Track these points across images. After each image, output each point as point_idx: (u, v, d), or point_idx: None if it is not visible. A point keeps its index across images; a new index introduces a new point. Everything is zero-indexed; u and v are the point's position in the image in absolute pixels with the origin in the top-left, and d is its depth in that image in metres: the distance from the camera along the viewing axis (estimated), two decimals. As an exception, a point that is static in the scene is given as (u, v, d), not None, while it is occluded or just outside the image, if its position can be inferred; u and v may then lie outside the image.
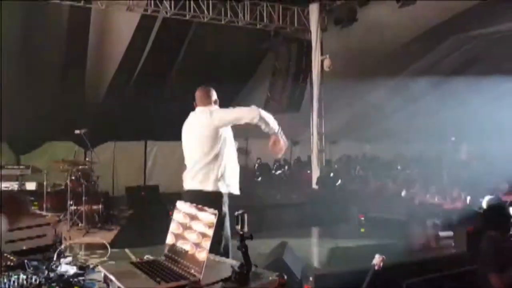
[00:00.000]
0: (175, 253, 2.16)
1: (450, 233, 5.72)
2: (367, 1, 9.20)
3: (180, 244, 2.16)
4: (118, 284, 1.82)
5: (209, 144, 3.36)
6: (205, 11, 9.16)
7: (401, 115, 15.10)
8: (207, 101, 3.51)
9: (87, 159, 8.33)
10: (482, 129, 15.01)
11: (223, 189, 3.38)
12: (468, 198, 7.08)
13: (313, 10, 10.19)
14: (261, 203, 9.56)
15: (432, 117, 15.91)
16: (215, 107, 3.51)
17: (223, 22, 9.46)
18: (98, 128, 8.85)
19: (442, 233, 5.97)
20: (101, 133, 9.75)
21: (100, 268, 2.07)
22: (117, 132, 10.59)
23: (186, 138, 3.57)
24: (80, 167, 7.74)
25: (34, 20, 8.52)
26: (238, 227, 1.89)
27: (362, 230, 7.24)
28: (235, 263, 1.95)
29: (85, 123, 7.89)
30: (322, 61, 10.06)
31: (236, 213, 1.87)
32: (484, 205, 6.78)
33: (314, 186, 10.12)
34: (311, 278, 4.05)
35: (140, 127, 11.22)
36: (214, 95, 3.56)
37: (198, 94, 3.56)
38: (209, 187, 3.35)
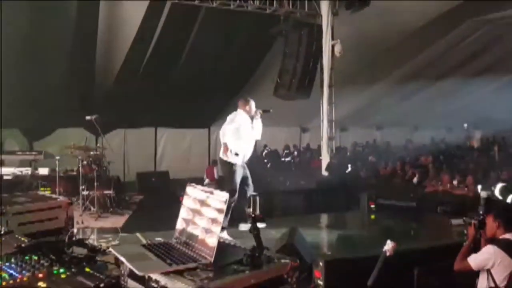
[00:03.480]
0: (187, 236, 2.16)
1: (461, 221, 5.62)
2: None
3: (191, 229, 2.15)
4: (129, 265, 1.82)
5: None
6: (214, -5, 9.03)
7: (412, 101, 14.92)
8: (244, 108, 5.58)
9: (98, 145, 8.38)
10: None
11: None
12: (479, 186, 6.99)
13: (324, -6, 9.98)
14: (270, 189, 9.55)
15: (444, 104, 15.71)
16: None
17: (232, 7, 9.33)
18: (108, 115, 8.86)
19: (454, 221, 5.89)
20: (112, 120, 9.77)
21: (111, 250, 2.08)
22: (127, 118, 10.62)
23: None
24: (91, 153, 7.82)
25: (43, 7, 8.47)
26: (250, 209, 1.87)
27: (373, 217, 7.19)
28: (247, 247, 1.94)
29: (96, 109, 7.90)
30: (332, 47, 9.87)
31: (248, 195, 1.84)
32: (497, 193, 6.68)
33: (324, 173, 10.07)
34: (321, 264, 4.03)
35: (150, 113, 11.24)
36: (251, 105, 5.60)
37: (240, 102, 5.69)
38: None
